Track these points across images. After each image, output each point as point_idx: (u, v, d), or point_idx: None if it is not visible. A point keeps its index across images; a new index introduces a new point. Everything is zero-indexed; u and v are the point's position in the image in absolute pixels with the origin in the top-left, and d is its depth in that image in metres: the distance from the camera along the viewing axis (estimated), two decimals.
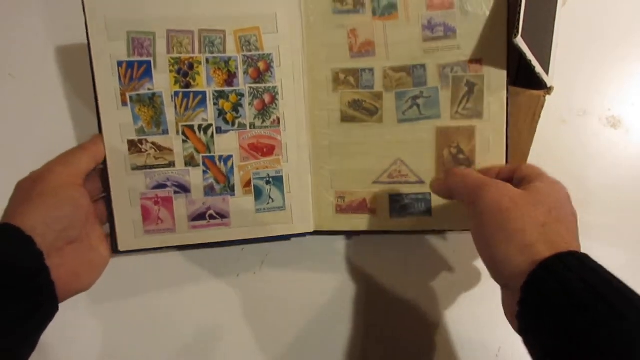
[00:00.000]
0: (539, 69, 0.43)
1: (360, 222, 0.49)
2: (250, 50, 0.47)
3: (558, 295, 0.31)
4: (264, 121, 0.48)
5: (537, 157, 0.50)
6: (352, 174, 0.49)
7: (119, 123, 0.47)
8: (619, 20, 0.58)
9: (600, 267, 0.32)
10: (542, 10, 0.45)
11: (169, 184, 0.48)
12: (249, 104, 0.48)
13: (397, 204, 0.49)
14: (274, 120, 0.48)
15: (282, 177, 0.49)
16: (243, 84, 0.48)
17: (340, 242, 0.54)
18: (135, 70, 0.46)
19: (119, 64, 0.46)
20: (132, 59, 0.46)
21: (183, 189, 0.48)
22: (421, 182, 0.48)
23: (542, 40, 0.45)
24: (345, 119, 0.48)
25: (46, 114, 0.59)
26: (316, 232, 0.50)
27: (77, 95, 0.59)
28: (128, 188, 0.47)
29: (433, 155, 0.48)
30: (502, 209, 0.35)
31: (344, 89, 0.48)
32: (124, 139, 0.47)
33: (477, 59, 0.46)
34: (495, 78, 0.46)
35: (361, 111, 0.48)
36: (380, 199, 0.49)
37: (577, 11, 0.56)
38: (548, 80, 0.45)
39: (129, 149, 0.47)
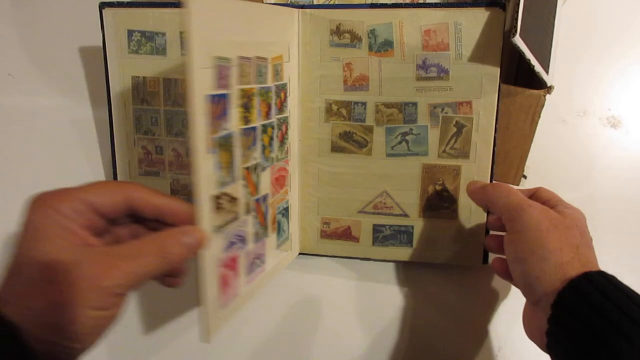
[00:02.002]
0: (538, 68, 0.43)
1: (343, 248, 0.51)
2: (278, 80, 0.45)
3: (586, 312, 0.32)
4: (281, 152, 0.47)
5: (537, 157, 0.50)
6: (338, 202, 0.50)
7: (207, 174, 0.35)
8: (620, 20, 0.58)
9: (626, 287, 0.34)
10: (541, 9, 0.45)
11: (235, 240, 0.39)
12: (276, 136, 0.45)
13: (380, 233, 0.50)
14: (286, 151, 0.48)
15: (288, 207, 0.49)
16: (274, 115, 0.45)
17: None
18: (216, 106, 0.36)
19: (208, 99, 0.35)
20: (216, 92, 0.35)
21: (243, 241, 0.40)
22: (405, 215, 0.50)
23: (541, 39, 0.45)
24: (335, 149, 0.49)
25: (46, 114, 0.59)
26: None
27: (78, 95, 0.59)
28: (209, 256, 0.35)
29: (418, 190, 0.49)
30: (542, 229, 0.37)
31: (336, 120, 0.49)
32: (209, 195, 0.35)
33: (467, 101, 0.47)
34: (484, 120, 0.47)
35: (351, 143, 0.49)
36: (364, 227, 0.50)
37: (577, 10, 0.56)
38: (548, 79, 0.45)
39: (212, 206, 0.36)
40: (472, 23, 0.45)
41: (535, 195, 0.44)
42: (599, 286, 0.33)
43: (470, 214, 0.49)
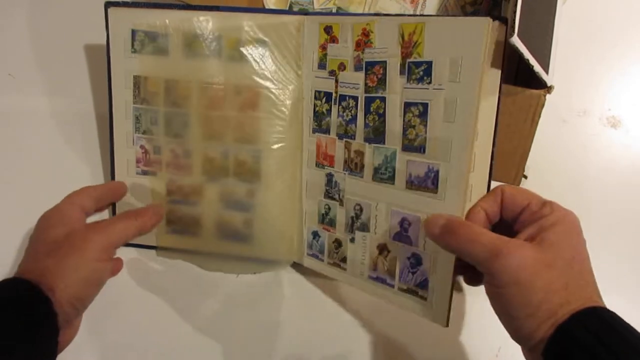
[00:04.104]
0: (537, 68, 0.42)
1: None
2: None
3: (578, 357, 0.30)
4: None
5: (537, 157, 0.50)
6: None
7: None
8: (620, 20, 0.58)
9: (616, 321, 0.31)
10: (540, 8, 0.45)
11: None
12: None
13: None
14: None
15: None
16: None
17: None
18: None
19: None
20: None
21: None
22: None
23: (541, 38, 0.45)
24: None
25: (46, 114, 0.59)
26: None
27: (78, 95, 0.59)
28: None
29: None
30: (521, 282, 0.32)
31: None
32: None
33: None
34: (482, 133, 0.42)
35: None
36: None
37: (577, 10, 0.56)
38: (548, 79, 0.45)
39: None
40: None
41: (504, 202, 0.39)
42: (589, 327, 0.31)
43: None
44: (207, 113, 0.49)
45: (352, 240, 0.47)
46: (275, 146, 0.49)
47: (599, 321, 0.31)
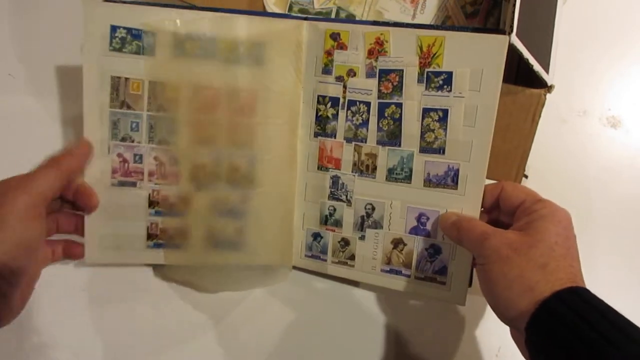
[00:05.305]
0: (537, 67, 0.43)
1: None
2: None
3: (559, 333, 0.32)
4: None
5: (537, 157, 0.50)
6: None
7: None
8: (620, 20, 0.58)
9: (597, 300, 0.33)
10: (540, 8, 0.45)
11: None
12: None
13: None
14: None
15: None
16: None
17: None
18: None
19: None
20: None
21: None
22: None
23: (541, 38, 0.45)
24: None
25: (46, 115, 0.59)
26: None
27: (78, 95, 0.59)
28: None
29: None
30: (501, 257, 0.37)
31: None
32: None
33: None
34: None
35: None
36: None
37: (577, 10, 0.56)
38: (548, 78, 0.45)
39: None
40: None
41: (502, 196, 0.42)
42: (571, 305, 0.33)
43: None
44: (198, 117, 0.47)
45: (362, 238, 0.49)
46: (272, 150, 0.48)
47: (580, 299, 0.33)
